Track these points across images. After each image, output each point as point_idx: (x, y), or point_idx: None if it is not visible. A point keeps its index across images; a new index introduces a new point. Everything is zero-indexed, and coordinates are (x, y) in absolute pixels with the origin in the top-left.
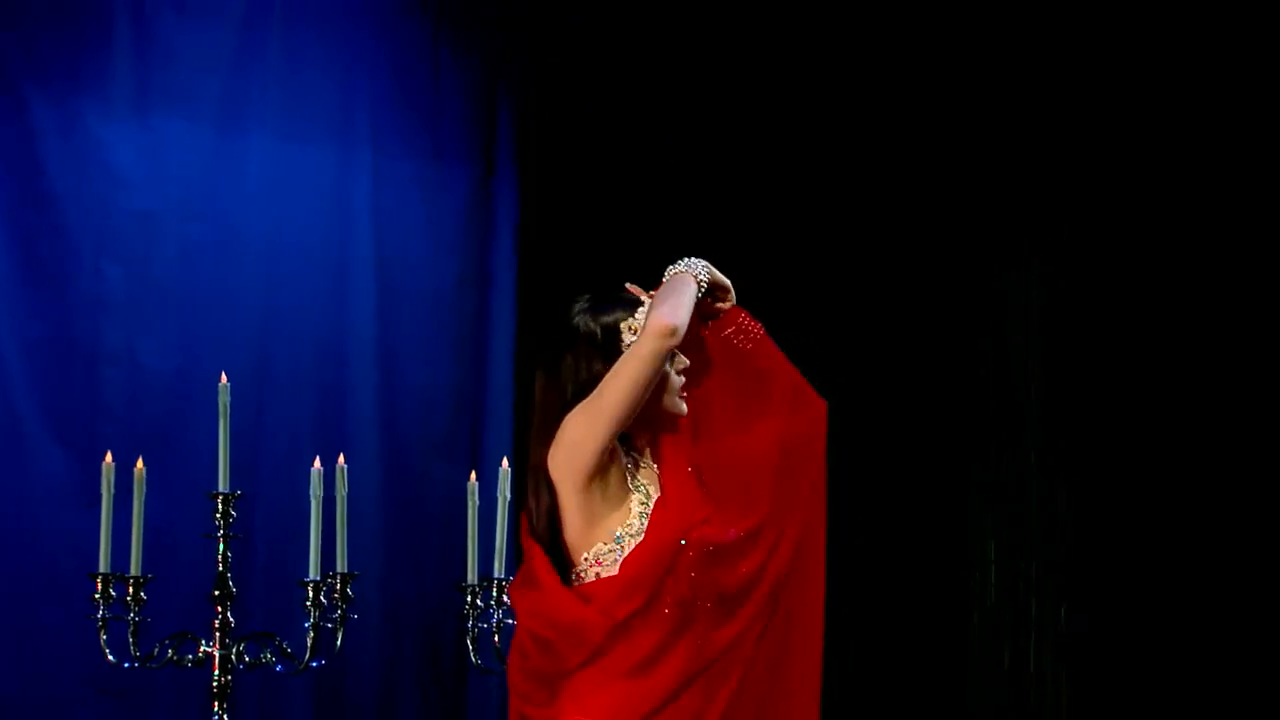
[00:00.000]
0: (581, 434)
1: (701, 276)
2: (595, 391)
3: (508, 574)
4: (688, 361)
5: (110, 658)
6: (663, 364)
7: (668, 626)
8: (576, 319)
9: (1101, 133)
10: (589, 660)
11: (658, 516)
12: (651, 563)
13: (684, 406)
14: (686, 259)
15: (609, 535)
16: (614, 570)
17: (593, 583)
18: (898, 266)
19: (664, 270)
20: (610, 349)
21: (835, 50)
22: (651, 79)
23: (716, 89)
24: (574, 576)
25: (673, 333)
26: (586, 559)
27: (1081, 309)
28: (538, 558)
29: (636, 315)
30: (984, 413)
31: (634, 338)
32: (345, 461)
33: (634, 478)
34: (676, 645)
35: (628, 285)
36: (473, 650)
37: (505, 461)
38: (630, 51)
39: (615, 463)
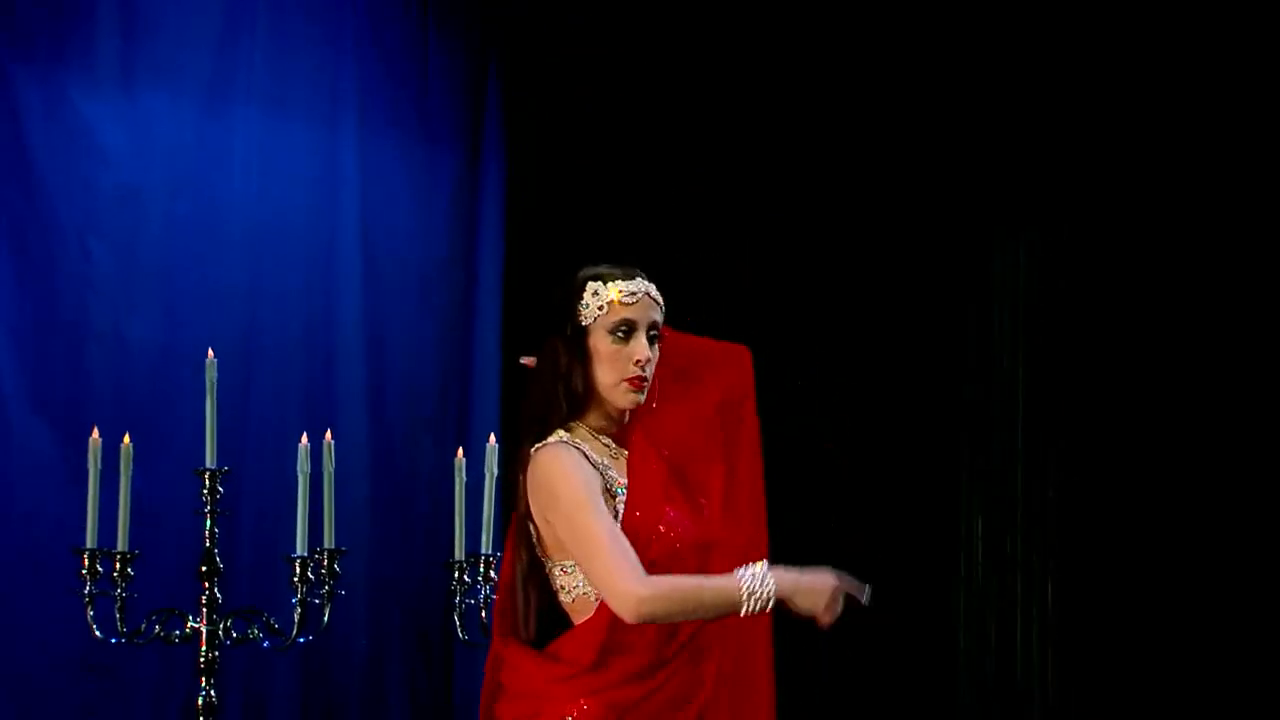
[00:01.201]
0: (548, 512)
1: (755, 606)
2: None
3: (494, 550)
4: (647, 354)
5: (97, 634)
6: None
7: (651, 639)
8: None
9: (1094, 105)
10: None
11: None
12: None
13: (632, 398)
14: (756, 582)
15: None
16: None
17: (560, 640)
18: (881, 249)
19: (651, 256)
20: (565, 332)
21: (825, 28)
22: (642, 61)
23: (706, 71)
24: (558, 587)
25: (633, 615)
26: (573, 559)
27: (1071, 290)
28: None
29: (608, 284)
30: (971, 394)
31: (594, 312)
32: (332, 438)
33: (613, 482)
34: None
35: (522, 359)
36: (459, 626)
37: (492, 438)
38: (622, 34)
39: (596, 479)
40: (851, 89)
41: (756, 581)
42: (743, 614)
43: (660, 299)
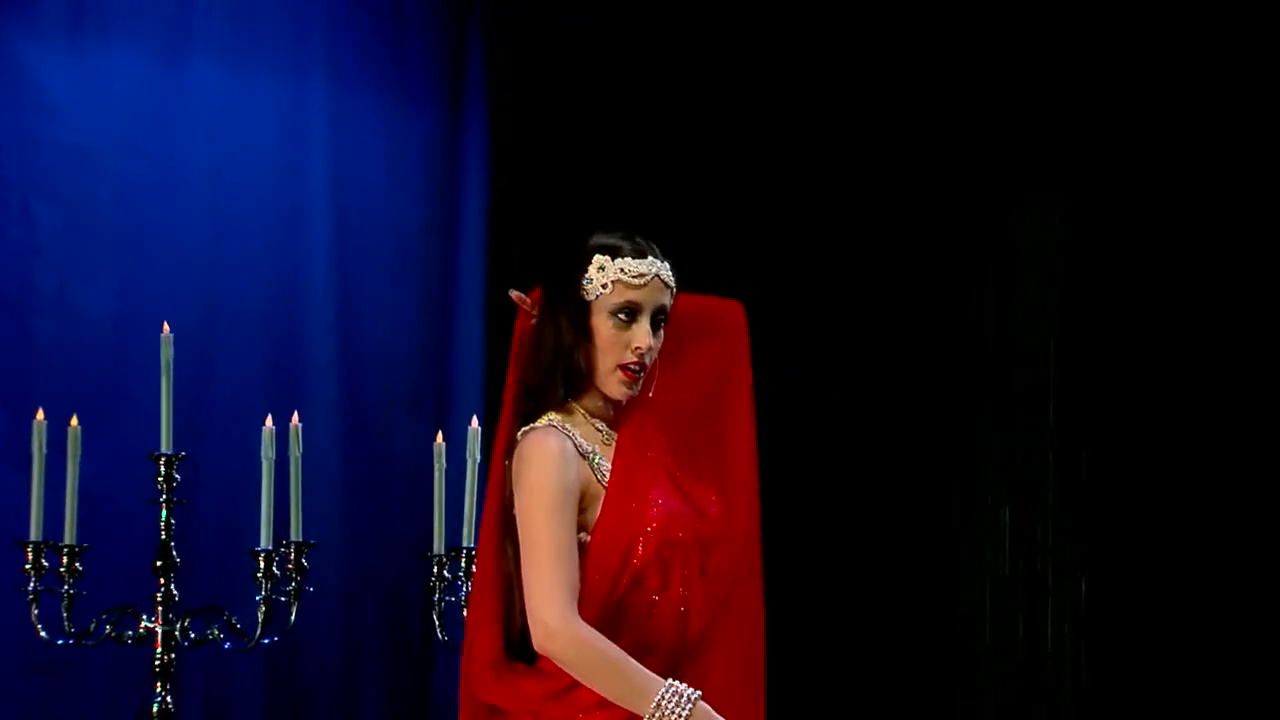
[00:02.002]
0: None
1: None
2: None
3: (477, 543)
4: (649, 342)
5: (42, 634)
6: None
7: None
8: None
9: (1133, 50)
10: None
11: (596, 550)
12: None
13: (623, 390)
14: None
15: (587, 525)
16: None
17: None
18: (896, 209)
19: (645, 221)
20: (569, 304)
21: None
22: (638, 12)
23: (708, 21)
24: None
25: (538, 644)
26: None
27: (1106, 253)
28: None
29: (616, 261)
30: (996, 370)
31: (598, 289)
32: (300, 420)
33: (602, 470)
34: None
35: (511, 292)
36: (439, 626)
37: (475, 420)
38: None
39: (581, 474)
40: (866, 36)
41: (676, 702)
42: None
43: (672, 280)
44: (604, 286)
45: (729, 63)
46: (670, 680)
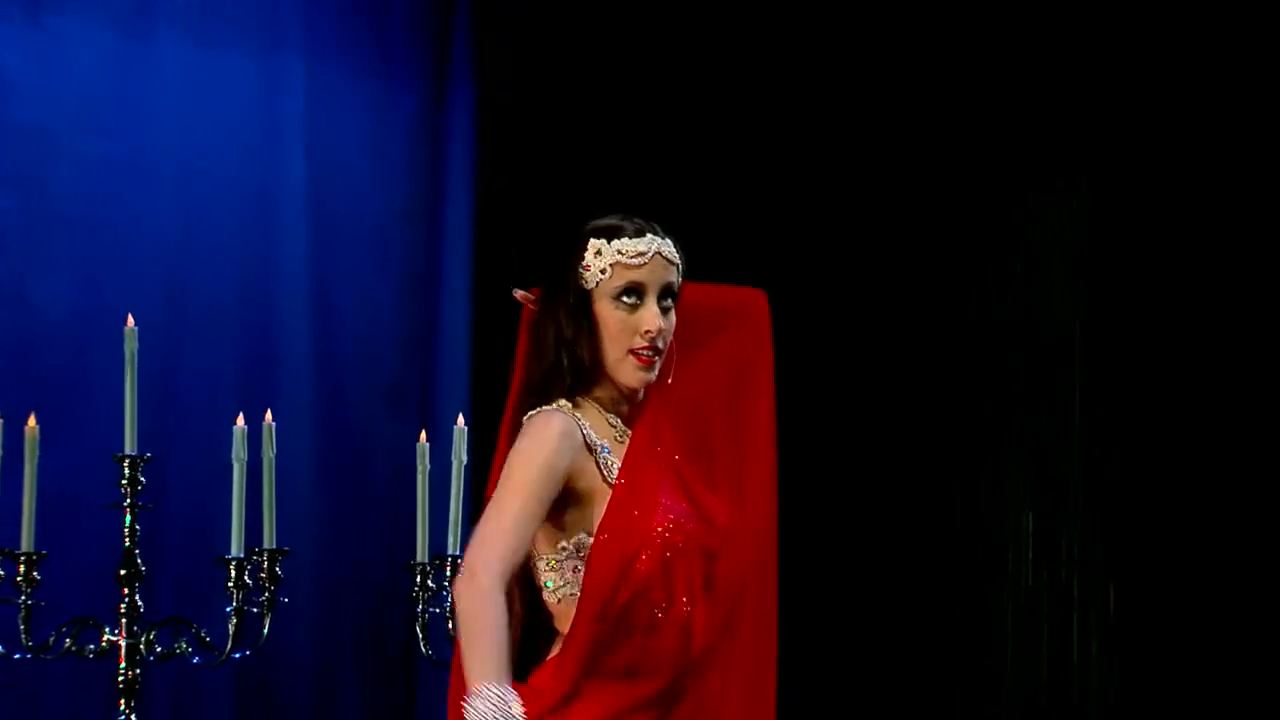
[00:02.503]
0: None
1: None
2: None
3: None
4: (658, 323)
5: None
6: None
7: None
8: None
9: (1157, 29)
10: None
11: (596, 558)
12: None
13: (640, 376)
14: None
15: (591, 526)
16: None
17: (538, 673)
18: (914, 196)
19: (645, 206)
20: (568, 295)
21: None
22: None
23: (701, 4)
24: (543, 584)
25: (463, 588)
26: (565, 549)
27: (1134, 238)
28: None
29: (613, 243)
30: (1018, 363)
31: (597, 275)
32: (273, 419)
33: (610, 466)
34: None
35: (515, 292)
36: (423, 640)
37: (460, 419)
38: None
39: (576, 481)
40: (882, 17)
41: (498, 706)
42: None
43: (676, 257)
44: (603, 271)
45: (733, 41)
46: (509, 689)
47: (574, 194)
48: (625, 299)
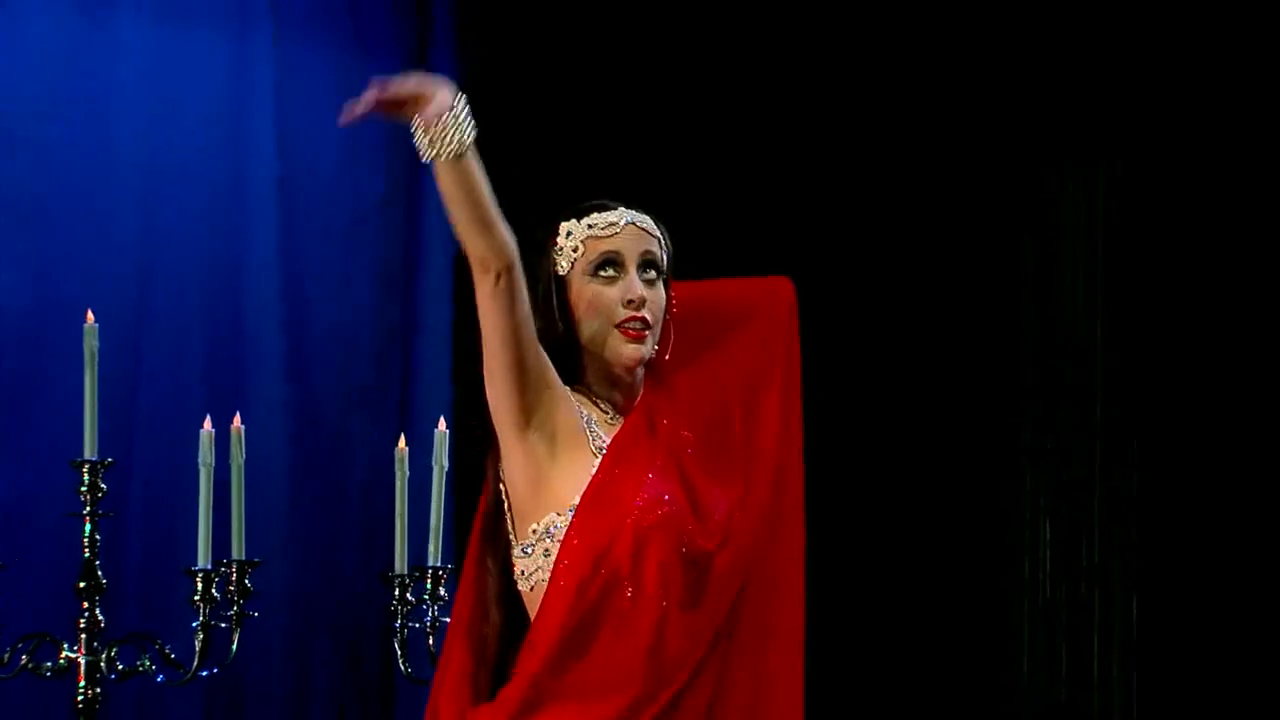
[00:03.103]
0: (488, 383)
1: (454, 149)
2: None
3: (444, 562)
4: (641, 292)
5: None
6: (499, 293)
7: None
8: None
9: (1177, 7)
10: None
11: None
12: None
13: (631, 350)
14: (440, 126)
15: (563, 504)
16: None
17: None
18: (922, 186)
19: (639, 188)
20: (547, 284)
21: None
22: None
23: None
24: (518, 574)
25: (485, 262)
26: (535, 532)
27: (1157, 230)
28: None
29: (583, 220)
30: (1033, 361)
31: (570, 255)
32: (243, 422)
33: (597, 437)
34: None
35: None
36: (401, 656)
37: (442, 423)
38: None
39: (562, 411)
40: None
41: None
42: (426, 154)
43: (655, 229)
44: (575, 250)
45: (732, 18)
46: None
47: (561, 177)
48: (603, 272)
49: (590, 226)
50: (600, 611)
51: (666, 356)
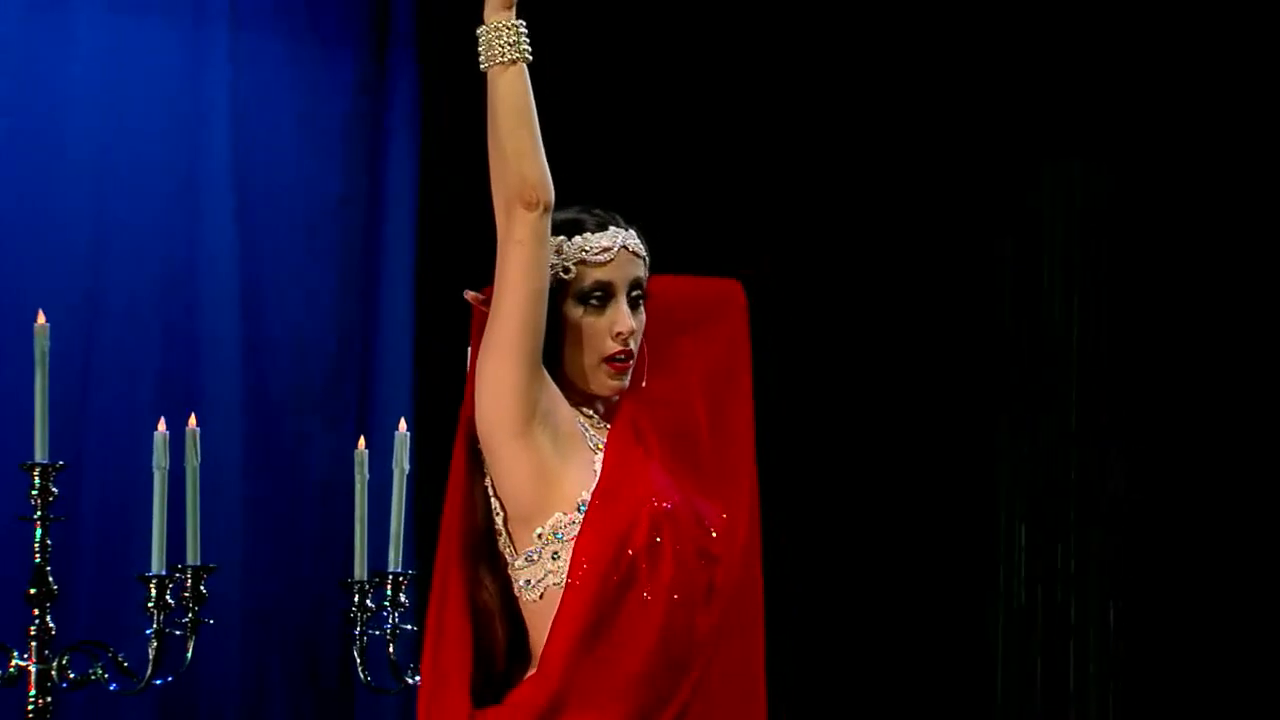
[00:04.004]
0: (494, 367)
1: (514, 54)
2: (491, 314)
3: (405, 567)
4: (630, 324)
5: None
6: (544, 233)
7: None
8: None
9: (1163, 10)
10: None
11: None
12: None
13: (614, 384)
14: (493, 33)
15: (570, 502)
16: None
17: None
18: (899, 184)
19: (609, 189)
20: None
21: None
22: None
23: None
24: (522, 584)
25: (536, 194)
26: (541, 536)
27: (1137, 230)
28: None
29: (575, 239)
30: (1011, 363)
31: (559, 275)
32: (198, 424)
33: (591, 437)
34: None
35: (466, 293)
36: (360, 664)
37: (403, 424)
38: None
39: (561, 405)
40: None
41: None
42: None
43: (642, 250)
44: (565, 271)
45: (706, 11)
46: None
47: None
48: (594, 301)
49: (583, 251)
50: (620, 606)
51: (644, 383)
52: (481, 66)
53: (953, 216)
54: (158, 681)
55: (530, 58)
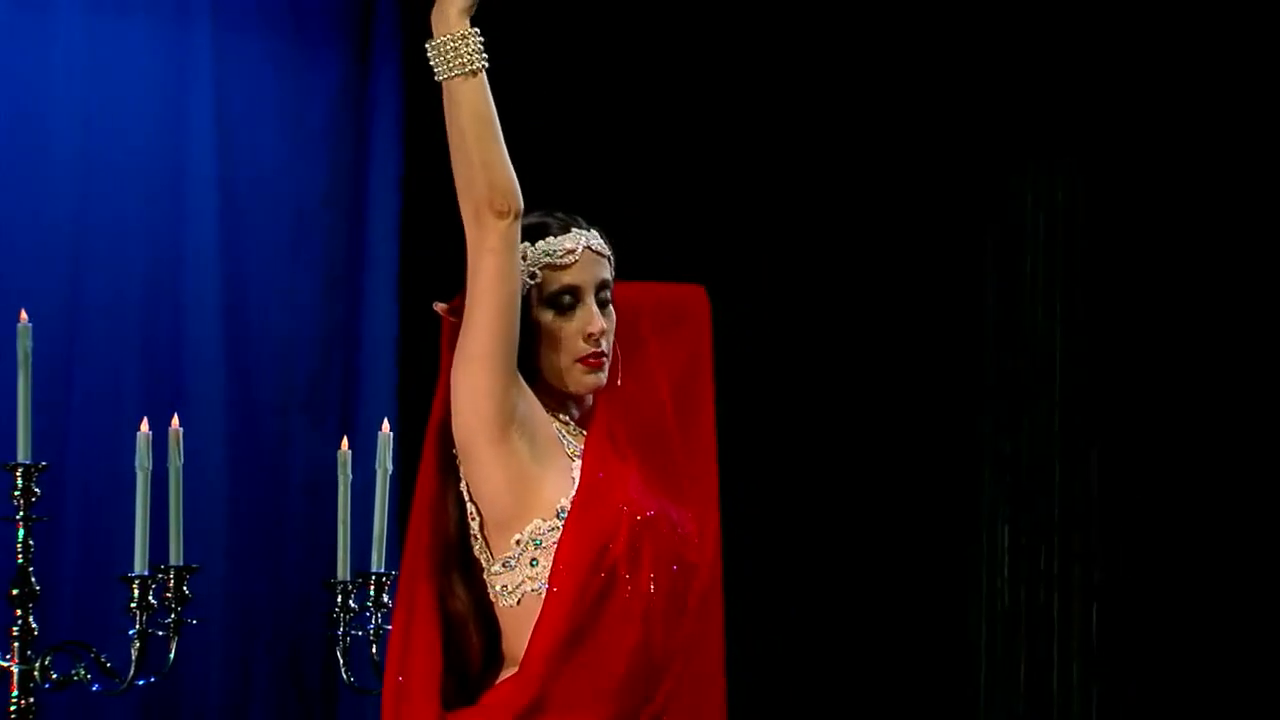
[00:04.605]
0: (470, 376)
1: (476, 64)
2: (464, 325)
3: (388, 568)
4: (601, 325)
5: None
6: (514, 240)
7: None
8: None
9: (1145, 11)
10: None
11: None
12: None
13: (591, 380)
14: (453, 43)
15: (549, 508)
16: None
17: (491, 692)
18: (879, 183)
19: (591, 190)
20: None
21: None
22: None
23: None
24: (499, 590)
25: (506, 202)
26: (519, 542)
27: (1119, 230)
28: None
29: (539, 244)
30: (993, 363)
31: (525, 281)
32: (180, 424)
33: (569, 443)
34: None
35: (435, 305)
36: (344, 665)
37: (386, 425)
38: None
39: (537, 410)
40: None
41: (443, 51)
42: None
43: (606, 249)
44: (531, 276)
45: (680, 10)
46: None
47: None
48: (562, 302)
49: (547, 255)
50: (601, 612)
51: (619, 381)
52: (440, 77)
53: (934, 216)
54: (140, 682)
55: (488, 65)
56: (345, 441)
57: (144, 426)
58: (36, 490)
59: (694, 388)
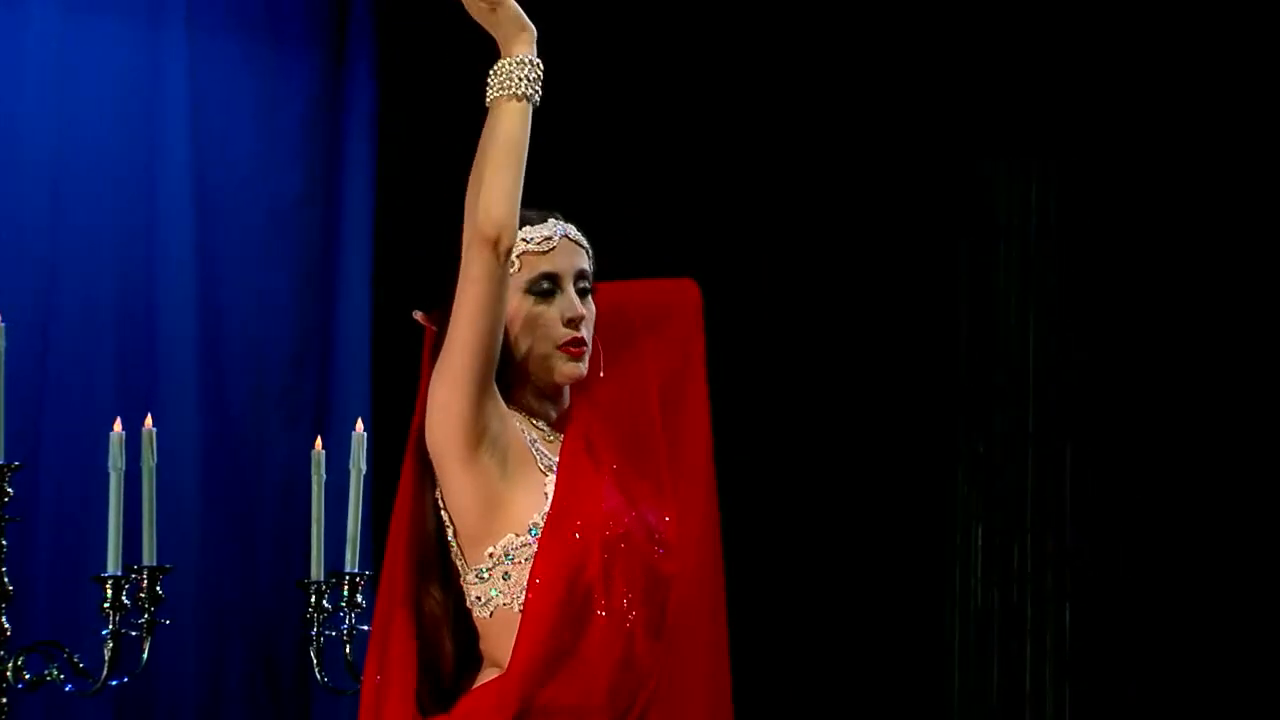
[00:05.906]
0: (444, 395)
1: (525, 89)
2: (445, 341)
3: (362, 568)
4: (581, 310)
5: None
6: (500, 275)
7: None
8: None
9: (1122, 8)
10: None
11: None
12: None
13: (571, 368)
14: (511, 66)
15: (521, 525)
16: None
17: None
18: (852, 181)
19: (568, 189)
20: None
21: None
22: None
23: None
24: (473, 599)
25: (498, 233)
26: (492, 555)
27: (1094, 229)
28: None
29: (517, 232)
30: (965, 363)
31: (512, 265)
32: (154, 424)
33: (543, 455)
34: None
35: (415, 314)
36: (317, 665)
37: (360, 424)
38: None
39: (510, 428)
40: None
41: (507, 79)
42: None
43: (584, 241)
44: (511, 264)
45: (656, 9)
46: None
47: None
48: (540, 290)
49: (526, 241)
50: (577, 630)
51: (601, 374)
52: (492, 94)
53: (907, 218)
54: (114, 682)
55: (539, 100)
56: (319, 441)
57: (117, 426)
58: (10, 490)
59: (683, 383)
